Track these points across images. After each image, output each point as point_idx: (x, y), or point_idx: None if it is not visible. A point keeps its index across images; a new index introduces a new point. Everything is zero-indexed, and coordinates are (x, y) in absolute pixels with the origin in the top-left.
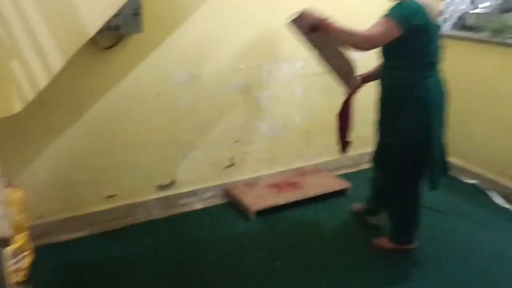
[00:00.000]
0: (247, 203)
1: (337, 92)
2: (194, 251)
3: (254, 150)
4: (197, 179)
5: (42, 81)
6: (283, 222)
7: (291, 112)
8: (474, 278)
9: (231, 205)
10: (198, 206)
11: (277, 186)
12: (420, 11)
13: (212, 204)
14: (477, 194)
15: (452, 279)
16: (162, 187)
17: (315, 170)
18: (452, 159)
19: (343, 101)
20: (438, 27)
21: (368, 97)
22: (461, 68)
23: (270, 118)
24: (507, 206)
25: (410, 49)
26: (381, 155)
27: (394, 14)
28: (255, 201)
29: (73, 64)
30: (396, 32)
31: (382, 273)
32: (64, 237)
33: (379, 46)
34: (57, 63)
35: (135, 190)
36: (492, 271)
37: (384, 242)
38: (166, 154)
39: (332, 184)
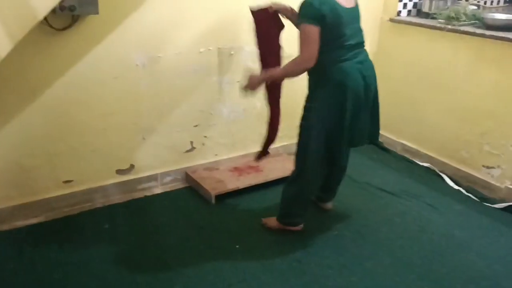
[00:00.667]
0: (207, 187)
1: (298, 78)
2: (153, 236)
3: (215, 134)
4: (156, 163)
5: None
6: (243, 206)
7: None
8: (424, 257)
9: (192, 189)
10: (158, 190)
11: (238, 170)
12: (323, 2)
13: (172, 189)
14: (429, 176)
15: (403, 259)
16: (121, 172)
17: (276, 154)
18: (406, 142)
19: (271, 111)
20: (353, 10)
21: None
22: (417, 54)
23: (230, 102)
24: (457, 188)
25: (322, 34)
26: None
27: (304, 17)
28: (215, 185)
29: (25, 46)
30: (317, 31)
31: (336, 254)
32: (19, 223)
33: (317, 54)
34: (4, 46)
35: (93, 175)
36: (441, 251)
37: (271, 221)
38: (125, 138)
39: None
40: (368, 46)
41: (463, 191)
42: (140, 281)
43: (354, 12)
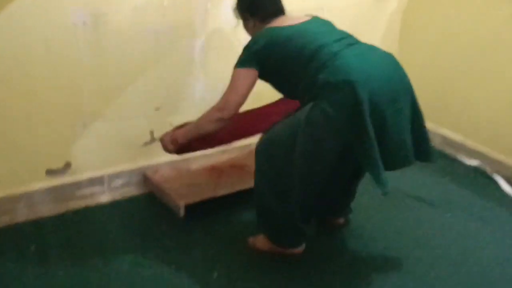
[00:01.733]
0: (174, 195)
1: None
2: (97, 262)
3: (183, 120)
4: (102, 161)
5: None
6: (223, 220)
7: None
8: None
9: (152, 197)
10: (105, 198)
11: (216, 170)
12: (258, 37)
13: (124, 196)
14: (478, 179)
15: None
16: (53, 172)
17: None
18: (448, 132)
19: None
20: (309, 22)
21: None
22: (459, 20)
23: (206, 76)
24: None
25: (282, 71)
26: None
27: (236, 64)
28: (185, 191)
29: None
30: (246, 74)
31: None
32: None
33: (240, 104)
34: None
35: (14, 176)
36: (494, 284)
37: (261, 241)
38: (58, 126)
39: None
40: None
41: None
42: None
43: (312, 24)
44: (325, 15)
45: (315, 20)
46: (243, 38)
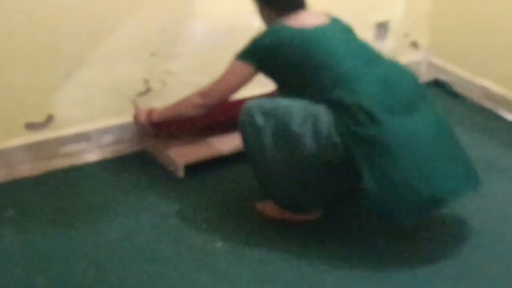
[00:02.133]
0: (172, 154)
1: None
2: (84, 229)
3: (182, 68)
4: (90, 113)
5: None
6: (228, 183)
7: (244, 6)
8: None
9: (146, 155)
10: (93, 157)
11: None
12: (266, 35)
13: (115, 154)
14: None
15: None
16: (33, 126)
17: None
18: (489, 83)
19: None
20: (328, 27)
21: None
22: None
23: (208, 16)
24: None
25: (288, 74)
26: None
27: (238, 53)
28: (185, 150)
29: None
30: (243, 69)
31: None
32: None
33: (225, 97)
34: None
35: None
36: None
37: (270, 207)
38: (38, 73)
39: None
40: None
41: None
42: None
43: (329, 28)
44: None
45: (334, 23)
46: None
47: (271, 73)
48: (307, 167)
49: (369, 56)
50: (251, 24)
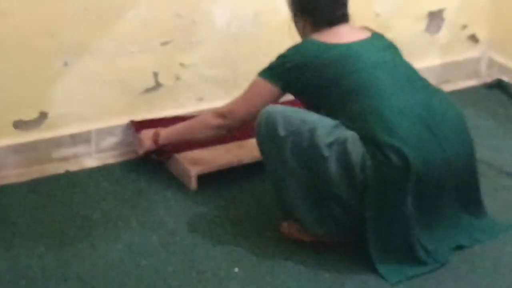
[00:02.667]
0: (184, 161)
1: None
2: (81, 248)
3: (199, 60)
4: (89, 111)
5: None
6: (248, 196)
7: None
8: None
9: (153, 161)
10: (92, 162)
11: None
12: (301, 48)
13: (117, 160)
14: None
15: None
16: (24, 125)
17: None
18: None
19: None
20: (369, 42)
21: None
22: None
23: (231, 0)
24: None
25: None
26: None
27: (262, 70)
28: (199, 157)
29: None
30: (268, 89)
31: None
32: None
33: (246, 120)
34: None
35: None
36: None
37: (296, 227)
38: (31, 62)
39: None
40: None
41: None
42: None
43: (369, 45)
44: None
45: (374, 39)
46: None
47: (298, 93)
48: (326, 190)
49: (411, 81)
50: (278, 9)
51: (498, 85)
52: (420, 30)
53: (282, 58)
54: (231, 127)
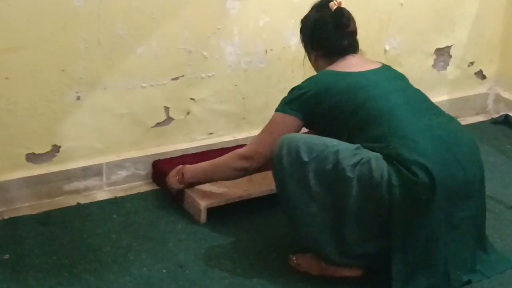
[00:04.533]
0: (194, 194)
1: None
2: (91, 282)
3: (210, 95)
4: (100, 145)
5: None
6: (258, 229)
7: (282, 26)
8: None
9: (164, 195)
10: (103, 195)
11: None
12: (316, 80)
13: (128, 193)
14: None
15: None
16: (35, 159)
17: None
18: None
19: None
20: (379, 72)
21: None
22: None
23: (242, 36)
24: None
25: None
26: None
27: (279, 105)
28: (208, 189)
29: None
30: (288, 121)
31: None
32: None
33: (267, 153)
34: None
35: None
36: None
37: (309, 260)
38: (43, 96)
39: None
40: None
41: None
42: None
43: (380, 75)
44: None
45: (386, 70)
46: None
47: (317, 122)
48: (351, 215)
49: (426, 108)
50: (288, 46)
51: (505, 121)
52: (428, 66)
53: (299, 89)
54: (256, 167)
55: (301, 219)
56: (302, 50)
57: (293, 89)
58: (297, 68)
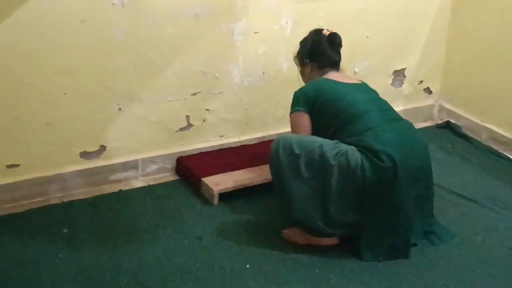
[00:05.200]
0: (208, 182)
1: (342, 26)
2: (130, 248)
3: (221, 107)
4: (137, 145)
5: None
6: (258, 210)
7: (276, 54)
8: None
9: (186, 183)
10: (139, 183)
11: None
12: (313, 85)
13: (158, 182)
14: None
15: None
16: (87, 155)
17: None
18: (495, 127)
19: None
20: (358, 85)
21: None
22: None
23: (245, 61)
24: None
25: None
26: None
27: (291, 107)
28: (220, 179)
29: None
30: (305, 117)
31: (389, 284)
32: None
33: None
34: None
35: (48, 158)
36: None
37: (296, 233)
38: (93, 108)
39: None
40: None
41: None
42: None
43: (362, 88)
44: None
45: (363, 85)
46: (284, 22)
47: (315, 115)
48: (334, 194)
49: (391, 114)
50: (281, 69)
51: (447, 126)
52: (388, 84)
53: (302, 91)
54: None
55: (296, 199)
56: (292, 72)
57: (297, 92)
58: (288, 86)
